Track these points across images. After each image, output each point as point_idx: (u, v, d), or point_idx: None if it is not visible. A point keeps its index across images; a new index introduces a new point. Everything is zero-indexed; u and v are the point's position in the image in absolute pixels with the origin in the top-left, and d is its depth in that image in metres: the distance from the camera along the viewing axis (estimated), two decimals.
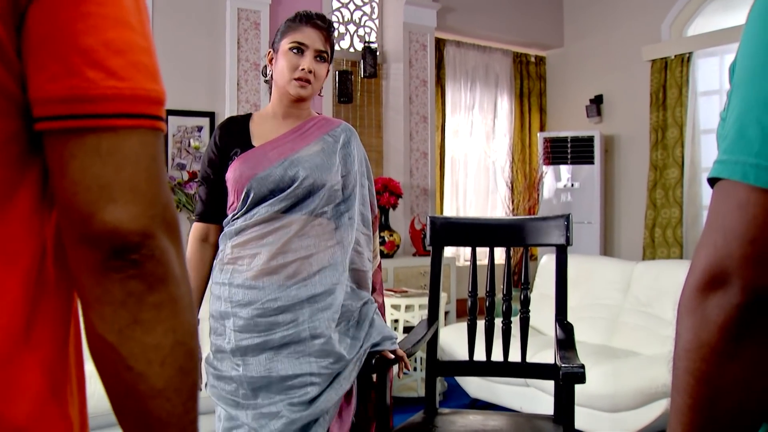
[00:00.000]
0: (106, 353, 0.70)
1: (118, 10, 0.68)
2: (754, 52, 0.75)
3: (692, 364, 0.76)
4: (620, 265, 4.63)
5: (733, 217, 0.72)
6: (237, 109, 5.26)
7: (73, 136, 0.66)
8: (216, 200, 2.25)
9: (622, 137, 6.88)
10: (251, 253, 2.13)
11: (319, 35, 2.21)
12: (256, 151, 2.18)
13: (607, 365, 3.73)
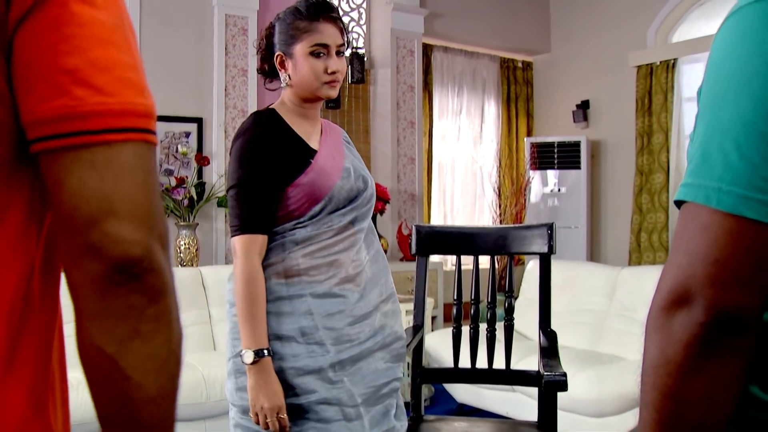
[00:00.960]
0: (104, 364, 0.71)
1: (101, 30, 0.70)
2: (716, 81, 0.78)
3: (659, 379, 0.79)
4: (605, 270, 4.67)
5: (697, 239, 0.75)
6: (225, 115, 5.28)
7: (68, 153, 0.68)
8: (271, 208, 1.95)
9: (609, 142, 6.93)
10: (328, 261, 1.96)
11: (336, 28, 2.03)
12: (325, 156, 2.02)
13: (593, 370, 3.76)
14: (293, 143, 2.00)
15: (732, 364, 0.76)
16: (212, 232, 5.26)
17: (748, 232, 0.73)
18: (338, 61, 2.02)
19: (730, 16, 0.79)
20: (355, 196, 2.03)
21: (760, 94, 0.73)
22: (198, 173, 5.13)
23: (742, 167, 0.73)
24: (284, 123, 2.02)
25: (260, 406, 1.83)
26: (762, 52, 0.74)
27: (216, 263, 5.20)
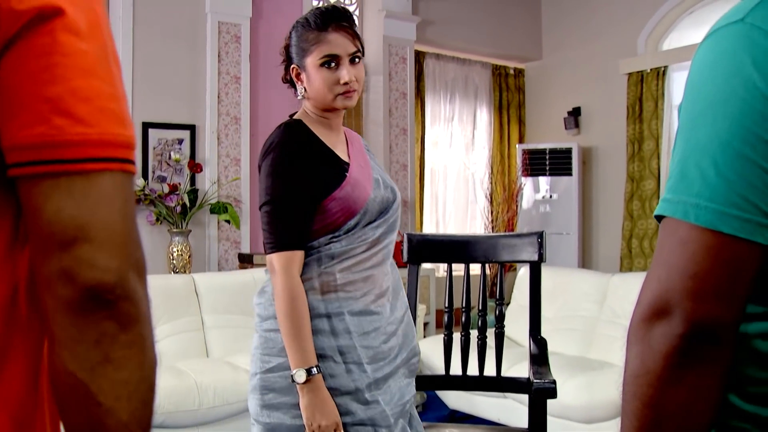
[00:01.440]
0: (76, 389, 0.72)
1: (84, 60, 0.71)
2: (695, 100, 0.80)
3: (639, 389, 0.81)
4: (596, 277, 4.69)
5: (676, 253, 0.78)
6: (218, 122, 5.29)
7: (46, 180, 0.69)
8: (307, 223, 1.89)
9: (600, 149, 6.97)
10: (363, 277, 1.93)
11: (347, 36, 1.93)
12: (358, 167, 1.97)
13: (583, 377, 3.78)
14: (326, 155, 1.95)
15: (710, 374, 0.79)
16: (205, 238, 5.27)
17: (725, 246, 0.76)
18: (352, 70, 1.93)
19: (709, 37, 0.82)
20: (386, 207, 1.99)
21: (737, 114, 0.76)
22: (191, 180, 5.14)
23: (719, 184, 0.76)
24: (313, 134, 1.96)
25: (317, 425, 1.79)
26: (738, 72, 0.76)
27: (209, 270, 5.21)
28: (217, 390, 3.83)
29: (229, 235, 5.38)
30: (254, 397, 1.93)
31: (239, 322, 4.58)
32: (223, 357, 4.35)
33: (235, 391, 3.92)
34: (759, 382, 0.82)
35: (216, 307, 4.51)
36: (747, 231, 0.75)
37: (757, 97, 0.75)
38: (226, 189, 5.32)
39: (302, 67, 1.98)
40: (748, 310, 0.82)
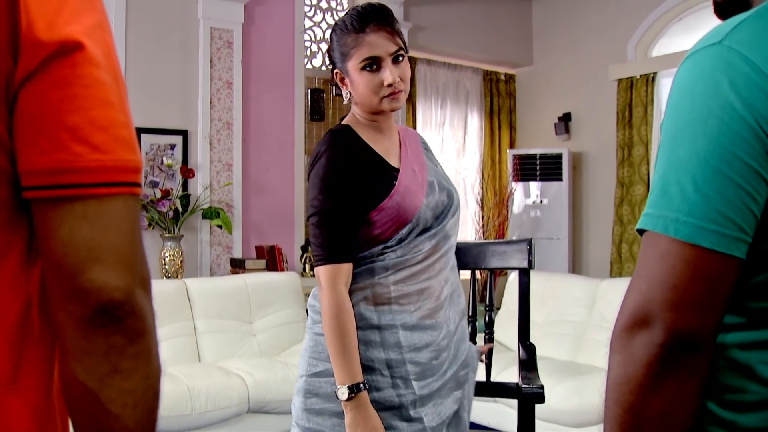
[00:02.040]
0: (86, 398, 0.77)
1: (101, 91, 0.75)
2: (675, 119, 0.84)
3: (621, 396, 0.84)
4: (585, 282, 4.73)
5: (656, 266, 0.81)
6: (210, 128, 5.31)
7: (62, 204, 0.74)
8: (356, 235, 1.85)
9: (590, 154, 7.02)
10: (419, 289, 1.87)
11: (386, 35, 1.85)
12: (409, 174, 1.90)
13: (572, 381, 3.82)
14: (374, 163, 1.88)
15: (688, 382, 0.82)
16: (197, 243, 5.29)
17: (703, 260, 0.79)
18: (395, 70, 1.85)
19: (689, 58, 0.85)
20: (441, 212, 1.92)
21: (714, 134, 0.79)
22: (183, 185, 5.16)
23: (698, 200, 0.79)
24: (362, 141, 1.90)
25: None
26: (716, 93, 0.80)
27: (201, 275, 5.22)
28: (210, 395, 3.86)
29: (221, 240, 5.40)
30: (298, 399, 1.92)
31: (231, 327, 4.60)
32: (215, 362, 4.37)
33: (227, 396, 3.94)
34: (736, 390, 0.85)
35: (208, 312, 4.53)
36: (724, 245, 0.79)
37: (734, 118, 0.79)
38: (218, 194, 5.33)
39: (345, 72, 1.91)
40: (726, 320, 0.85)
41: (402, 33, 1.91)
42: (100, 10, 0.79)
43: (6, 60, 0.72)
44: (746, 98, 0.78)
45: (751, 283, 0.84)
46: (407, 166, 1.92)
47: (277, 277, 5.00)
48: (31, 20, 0.72)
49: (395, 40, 1.86)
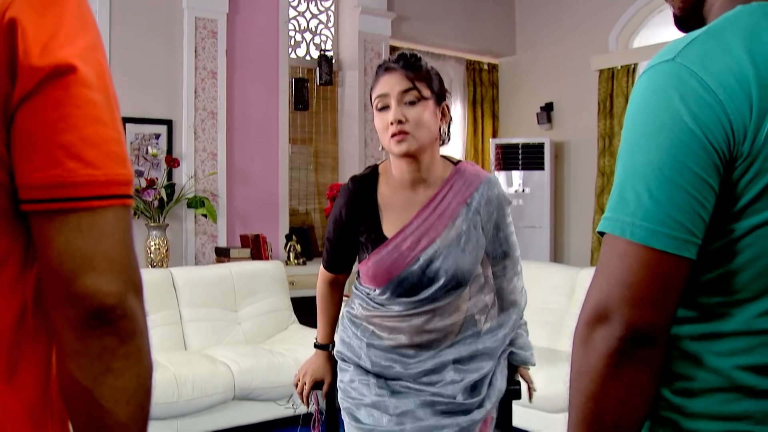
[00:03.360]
0: (81, 395, 0.83)
1: (93, 110, 0.81)
2: (632, 129, 0.91)
3: (582, 385, 0.92)
4: (565, 270, 4.82)
5: (615, 266, 0.88)
6: (194, 117, 5.34)
7: (58, 216, 0.80)
8: (341, 258, 2.15)
9: (572, 144, 7.10)
10: (390, 327, 2.06)
11: (399, 76, 1.91)
12: (390, 251, 1.98)
13: (552, 368, 3.90)
14: (369, 226, 2.02)
15: (644, 371, 0.89)
16: (182, 232, 5.33)
17: (657, 260, 0.86)
18: (403, 110, 1.89)
19: (645, 72, 0.92)
20: (427, 285, 1.99)
21: (666, 145, 0.86)
22: (168, 175, 5.19)
23: (651, 206, 0.86)
24: (374, 194, 2.03)
25: (301, 374, 2.30)
26: (668, 107, 0.87)
27: (186, 264, 5.27)
28: (196, 382, 3.91)
29: (206, 229, 5.44)
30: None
31: (217, 316, 4.65)
32: (201, 350, 4.42)
33: (214, 384, 3.99)
34: (686, 378, 0.93)
35: (194, 301, 4.58)
36: (675, 247, 0.86)
37: (684, 131, 0.86)
38: (202, 183, 5.37)
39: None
40: (679, 314, 0.92)
41: (432, 81, 1.95)
42: (93, 30, 0.85)
43: (4, 83, 0.77)
44: (695, 112, 0.85)
45: (701, 281, 0.92)
46: (401, 237, 1.99)
47: (262, 265, 5.05)
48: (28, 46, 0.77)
49: (408, 81, 1.90)
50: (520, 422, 3.82)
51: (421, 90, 1.91)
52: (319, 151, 6.45)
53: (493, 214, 2.05)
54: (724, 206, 0.88)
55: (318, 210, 6.38)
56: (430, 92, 1.93)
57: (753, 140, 0.85)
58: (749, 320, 0.90)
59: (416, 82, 1.90)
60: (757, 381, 0.90)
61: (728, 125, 0.85)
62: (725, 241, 0.89)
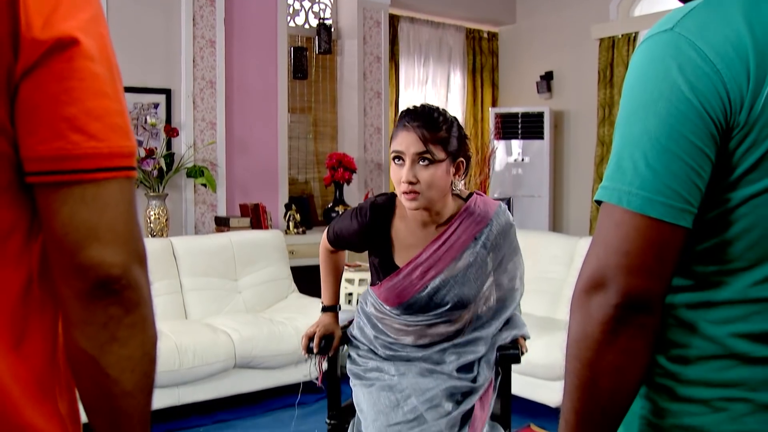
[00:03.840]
0: (88, 364, 0.84)
1: (96, 83, 0.82)
2: (629, 99, 0.91)
3: (579, 351, 0.93)
4: (564, 240, 4.84)
5: (611, 234, 0.89)
6: (193, 87, 5.32)
7: (62, 188, 0.80)
8: (345, 247, 2.38)
9: (571, 113, 7.09)
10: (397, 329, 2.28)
11: (415, 136, 2.01)
12: (401, 280, 2.17)
13: (550, 337, 3.93)
14: (382, 253, 2.21)
15: (639, 338, 0.91)
16: (182, 202, 5.34)
17: (652, 229, 0.87)
18: (416, 170, 2.01)
19: (644, 42, 0.92)
20: (434, 308, 2.19)
21: (664, 114, 0.87)
22: (167, 144, 5.18)
23: (648, 175, 0.87)
24: (389, 225, 2.19)
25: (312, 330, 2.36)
26: (666, 77, 0.87)
27: (186, 233, 5.28)
28: (197, 351, 3.94)
29: (206, 198, 5.45)
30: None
31: (217, 285, 4.67)
32: (201, 319, 4.45)
33: (215, 352, 4.02)
34: (682, 345, 0.94)
35: (194, 270, 4.60)
36: (671, 215, 0.87)
37: (682, 100, 0.86)
38: (202, 153, 5.37)
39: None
40: (675, 282, 0.93)
41: (449, 141, 2.04)
42: (94, 3, 0.85)
43: (7, 56, 0.78)
44: (692, 82, 0.86)
45: (697, 250, 0.93)
46: (411, 267, 2.16)
47: (262, 235, 5.06)
48: (30, 19, 0.78)
49: (425, 144, 2.00)
50: (519, 390, 3.86)
51: (435, 153, 2.01)
52: (318, 120, 6.43)
53: (501, 244, 2.22)
54: (721, 176, 0.89)
55: (317, 179, 6.38)
56: (444, 154, 2.03)
57: (750, 110, 0.85)
58: (744, 289, 0.91)
59: (430, 146, 2.00)
60: (752, 348, 0.91)
61: (725, 95, 0.85)
62: (721, 210, 0.90)
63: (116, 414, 0.87)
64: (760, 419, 0.91)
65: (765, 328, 0.90)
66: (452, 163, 2.08)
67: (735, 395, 0.92)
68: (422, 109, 2.08)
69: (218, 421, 4.08)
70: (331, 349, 2.35)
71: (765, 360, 0.91)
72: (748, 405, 0.92)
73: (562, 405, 0.98)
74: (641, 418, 0.99)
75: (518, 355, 2.32)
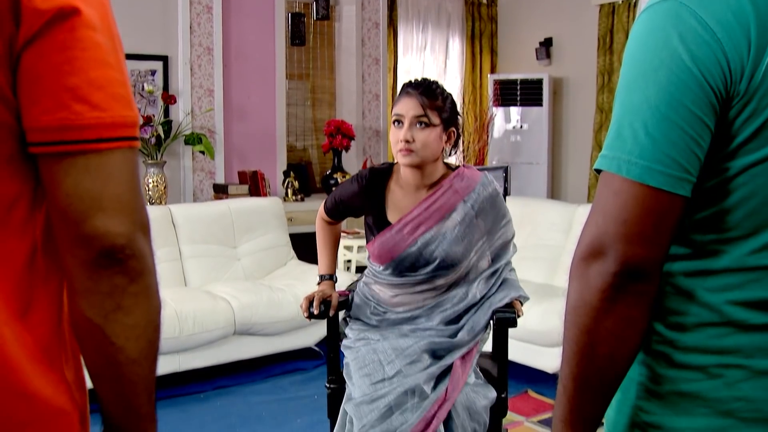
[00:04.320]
0: (93, 333, 0.86)
1: (98, 53, 0.82)
2: (630, 68, 0.91)
3: (577, 318, 0.94)
4: (563, 207, 4.84)
5: (610, 203, 0.90)
6: (190, 53, 5.29)
7: (66, 158, 0.81)
8: (342, 216, 2.56)
9: (571, 80, 7.05)
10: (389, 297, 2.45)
11: (414, 102, 2.27)
12: (393, 235, 2.35)
13: (548, 303, 3.96)
14: (376, 212, 2.40)
15: (637, 306, 0.92)
16: (180, 169, 5.33)
17: (651, 197, 0.88)
18: (413, 131, 2.26)
19: (645, 11, 0.92)
20: (423, 264, 2.34)
21: (664, 83, 0.87)
22: (164, 111, 5.17)
23: (648, 143, 0.87)
24: (383, 188, 2.41)
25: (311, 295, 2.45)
26: (666, 46, 0.87)
27: (184, 201, 5.29)
28: (197, 318, 3.96)
29: (204, 165, 5.44)
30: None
31: (216, 252, 4.69)
32: (201, 286, 4.47)
33: (214, 319, 4.05)
34: (679, 312, 0.95)
35: (193, 238, 4.61)
36: (670, 184, 0.87)
37: (682, 69, 0.86)
38: (199, 120, 5.35)
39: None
40: (673, 251, 0.94)
41: (444, 110, 2.31)
42: None
43: (9, 25, 0.77)
44: (693, 51, 0.85)
45: (695, 218, 0.93)
46: (402, 223, 2.35)
47: (260, 202, 5.07)
48: None
49: (424, 108, 2.27)
50: (517, 356, 3.89)
51: (431, 118, 2.28)
52: (316, 86, 6.40)
53: (489, 211, 2.40)
54: (720, 145, 0.89)
55: (315, 146, 6.37)
56: (439, 120, 2.30)
57: (750, 79, 0.85)
58: (741, 257, 0.91)
59: (428, 110, 2.27)
60: (748, 316, 0.92)
61: (726, 64, 0.85)
62: (719, 179, 0.90)
63: (122, 381, 0.89)
64: (754, 385, 0.93)
65: (761, 295, 0.91)
66: (444, 130, 2.33)
67: (731, 362, 0.93)
68: (423, 80, 2.33)
69: (218, 387, 4.12)
70: (331, 308, 2.44)
71: (761, 327, 0.92)
72: (743, 371, 0.93)
73: (561, 371, 0.99)
74: (638, 384, 1.01)
75: (515, 319, 2.35)
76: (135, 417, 0.93)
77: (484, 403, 2.29)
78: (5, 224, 0.83)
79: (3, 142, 0.81)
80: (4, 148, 0.81)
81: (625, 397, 1.02)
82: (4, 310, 0.82)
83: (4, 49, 0.78)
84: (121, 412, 0.92)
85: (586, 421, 0.98)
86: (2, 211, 0.82)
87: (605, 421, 1.05)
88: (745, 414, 0.93)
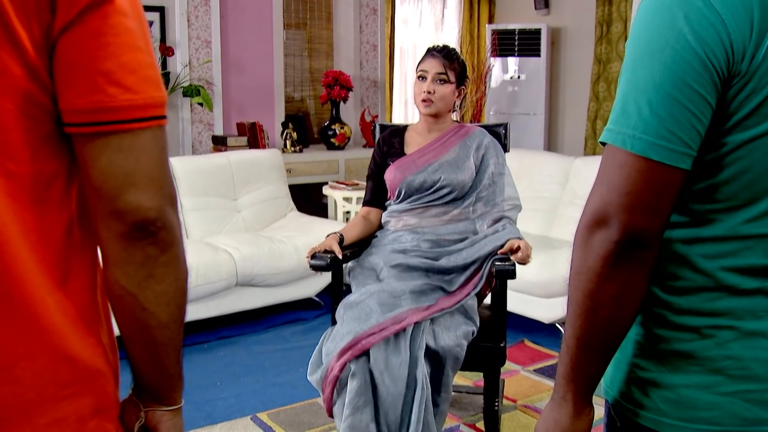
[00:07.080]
0: (127, 300, 0.92)
1: (130, 38, 0.87)
2: (636, 45, 0.95)
3: (581, 283, 1.00)
4: (559, 159, 4.88)
5: (614, 175, 0.95)
6: (187, 4, 5.25)
7: (100, 138, 0.86)
8: (377, 192, 2.91)
9: (569, 30, 7.03)
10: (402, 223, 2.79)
11: (438, 62, 2.78)
12: (406, 159, 2.81)
13: (544, 255, 4.02)
14: (395, 152, 2.85)
15: (637, 271, 0.97)
16: (178, 121, 5.34)
17: (654, 171, 0.93)
18: (432, 85, 2.76)
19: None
20: (430, 186, 2.75)
21: (669, 62, 0.91)
22: (162, 63, 5.15)
23: (652, 120, 0.92)
24: (401, 136, 2.90)
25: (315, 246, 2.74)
26: (672, 25, 0.91)
27: (183, 153, 5.31)
28: (199, 270, 4.02)
29: (202, 117, 5.45)
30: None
31: (217, 204, 4.73)
32: (202, 238, 4.52)
33: (216, 271, 4.11)
34: (676, 277, 1.01)
35: (194, 190, 4.64)
36: (672, 159, 0.92)
37: (687, 49, 0.90)
38: (197, 72, 5.34)
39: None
40: (672, 219, 0.99)
41: (459, 71, 2.80)
42: None
43: (46, 14, 0.82)
44: (698, 31, 0.89)
45: (694, 189, 0.98)
46: (413, 153, 2.82)
47: (260, 154, 5.09)
48: None
49: (444, 67, 2.76)
50: (514, 306, 3.97)
51: (450, 76, 2.78)
52: (314, 36, 6.37)
53: (483, 152, 2.82)
54: (720, 121, 0.94)
55: (313, 97, 6.36)
56: (455, 78, 2.79)
57: (751, 59, 0.89)
58: (736, 226, 0.97)
59: (447, 70, 2.77)
60: (740, 281, 0.98)
61: (728, 44, 0.89)
62: (718, 153, 0.95)
63: (153, 344, 0.96)
64: (743, 345, 0.99)
65: (753, 262, 0.97)
66: (457, 88, 2.82)
67: (722, 323, 0.99)
68: (444, 46, 2.86)
69: (222, 337, 4.21)
70: (338, 252, 2.66)
71: (751, 291, 0.98)
72: (733, 332, 0.99)
73: (564, 331, 1.05)
74: (636, 343, 1.07)
75: (513, 271, 2.42)
76: (165, 376, 1.00)
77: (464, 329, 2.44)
78: (45, 200, 0.88)
79: (41, 124, 0.86)
80: (42, 128, 0.86)
81: (622, 355, 1.09)
82: (47, 280, 0.88)
83: (41, 36, 0.83)
84: (152, 371, 0.99)
85: (587, 378, 1.05)
86: (42, 188, 0.87)
87: (604, 377, 1.12)
88: (734, 371, 1.00)
